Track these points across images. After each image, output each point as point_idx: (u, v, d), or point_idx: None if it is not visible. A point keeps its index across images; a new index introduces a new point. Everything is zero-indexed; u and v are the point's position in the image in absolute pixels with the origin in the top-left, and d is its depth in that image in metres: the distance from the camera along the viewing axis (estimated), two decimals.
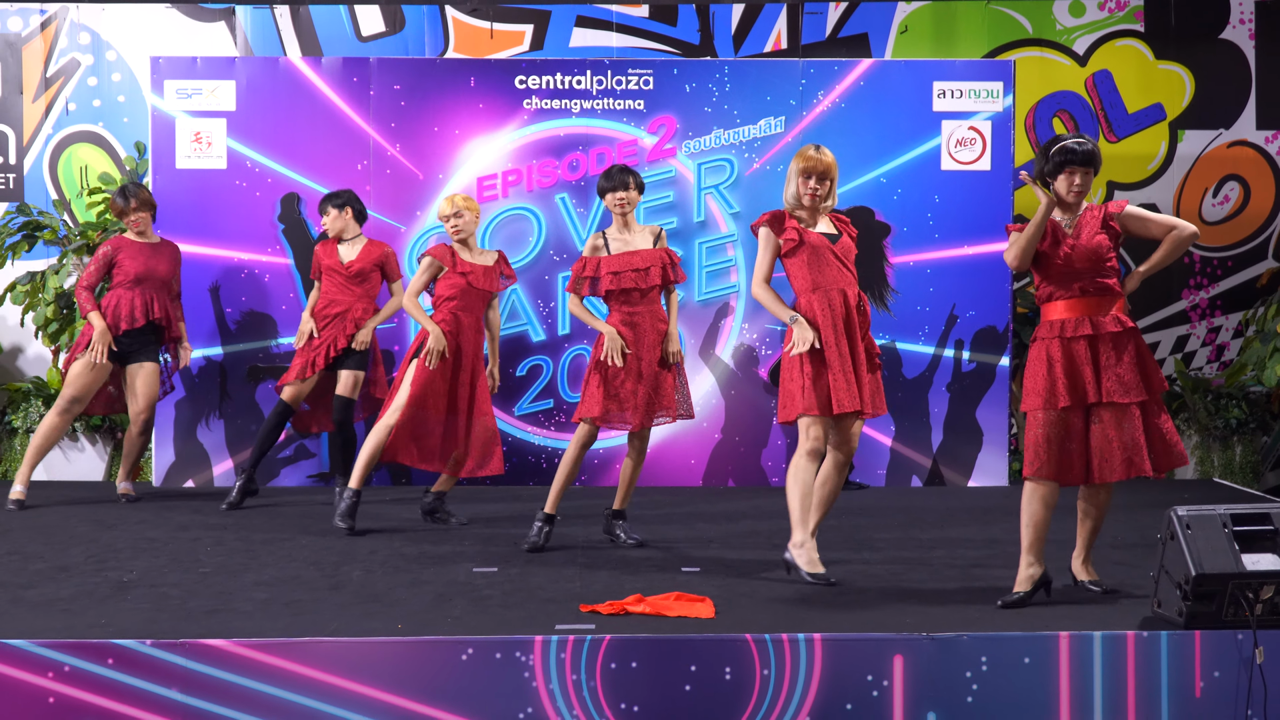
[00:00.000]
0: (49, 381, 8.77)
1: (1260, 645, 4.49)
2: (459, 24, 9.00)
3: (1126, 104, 9.09)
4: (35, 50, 8.93)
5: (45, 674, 4.42)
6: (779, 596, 5.23)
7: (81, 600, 5.17)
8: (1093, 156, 5.16)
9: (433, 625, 4.75)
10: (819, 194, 5.61)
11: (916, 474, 8.35)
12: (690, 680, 4.48)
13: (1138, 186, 9.08)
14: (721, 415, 8.30)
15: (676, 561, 5.95)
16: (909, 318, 8.28)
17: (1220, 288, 9.06)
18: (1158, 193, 9.06)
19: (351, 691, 4.45)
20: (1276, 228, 9.11)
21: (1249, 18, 9.06)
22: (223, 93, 8.17)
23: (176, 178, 8.16)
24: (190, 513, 7.30)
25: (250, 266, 8.21)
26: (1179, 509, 4.64)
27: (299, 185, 8.18)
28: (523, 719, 4.45)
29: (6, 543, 6.41)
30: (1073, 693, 4.50)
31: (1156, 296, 8.99)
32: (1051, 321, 5.16)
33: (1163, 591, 4.66)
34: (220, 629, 4.67)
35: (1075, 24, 9.08)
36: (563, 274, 8.24)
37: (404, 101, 8.22)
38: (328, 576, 5.63)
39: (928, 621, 4.75)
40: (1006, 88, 8.21)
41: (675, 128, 8.25)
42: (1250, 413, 8.64)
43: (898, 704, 4.48)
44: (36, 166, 8.95)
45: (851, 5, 9.02)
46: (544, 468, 8.28)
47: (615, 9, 9.02)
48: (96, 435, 8.63)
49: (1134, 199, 9.00)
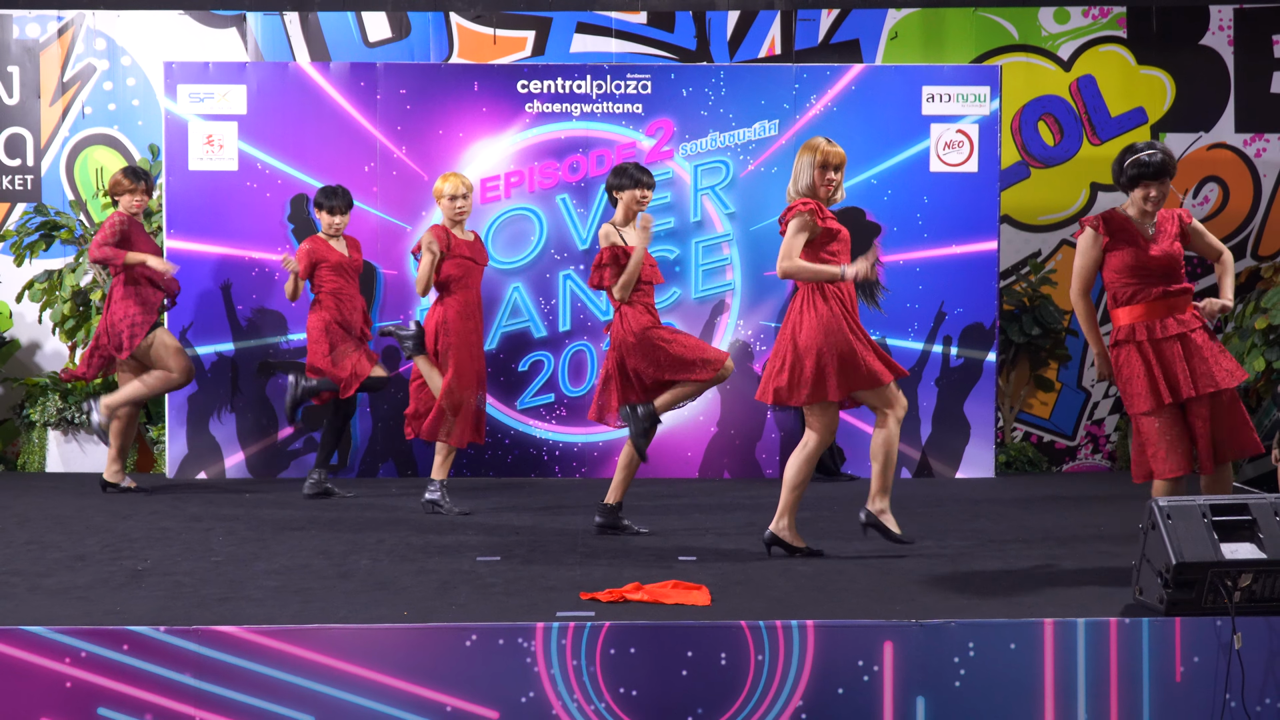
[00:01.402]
0: None
1: (1239, 631, 4.49)
2: (463, 30, 8.99)
3: (1109, 108, 9.08)
4: (53, 55, 8.92)
5: (62, 659, 4.42)
6: (773, 585, 5.23)
7: (97, 588, 5.17)
8: (1165, 168, 5.24)
9: (438, 612, 4.75)
10: (835, 183, 5.59)
11: (906, 466, 8.35)
12: (687, 666, 4.48)
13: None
14: (717, 409, 8.30)
15: (673, 551, 5.94)
16: (899, 314, 8.28)
17: (1200, 285, 9.04)
18: None
19: (359, 676, 4.45)
20: (1254, 228, 9.12)
21: (1228, 24, 9.06)
22: (234, 97, 8.17)
23: (189, 179, 8.15)
24: (203, 504, 7.30)
25: (261, 265, 8.20)
26: (1160, 500, 4.64)
27: (308, 186, 8.17)
28: (525, 703, 4.45)
29: (25, 532, 6.41)
30: (1057, 677, 4.50)
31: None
32: (1136, 325, 5.26)
33: (1144, 579, 4.67)
34: (232, 616, 4.67)
35: (1060, 30, 9.07)
36: (563, 272, 8.24)
37: (409, 105, 8.21)
38: (336, 565, 5.63)
39: (917, 609, 4.75)
40: (993, 92, 8.21)
41: (672, 131, 8.25)
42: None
43: (888, 689, 4.49)
44: (54, 168, 8.94)
45: (843, 12, 9.01)
46: (545, 460, 8.28)
47: (614, 16, 9.02)
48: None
49: (1116, 200, 9.00)
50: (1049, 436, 9.10)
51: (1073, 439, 9.09)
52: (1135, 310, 5.28)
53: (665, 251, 8.21)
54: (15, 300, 8.86)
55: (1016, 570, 5.51)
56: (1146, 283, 5.26)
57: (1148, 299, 5.26)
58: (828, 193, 5.58)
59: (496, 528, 6.54)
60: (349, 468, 8.22)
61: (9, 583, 5.26)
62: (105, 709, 4.41)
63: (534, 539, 6.25)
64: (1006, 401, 8.89)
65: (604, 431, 8.20)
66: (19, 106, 8.94)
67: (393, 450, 8.24)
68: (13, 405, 8.91)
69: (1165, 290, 5.25)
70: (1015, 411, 8.98)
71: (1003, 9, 9.05)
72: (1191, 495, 4.76)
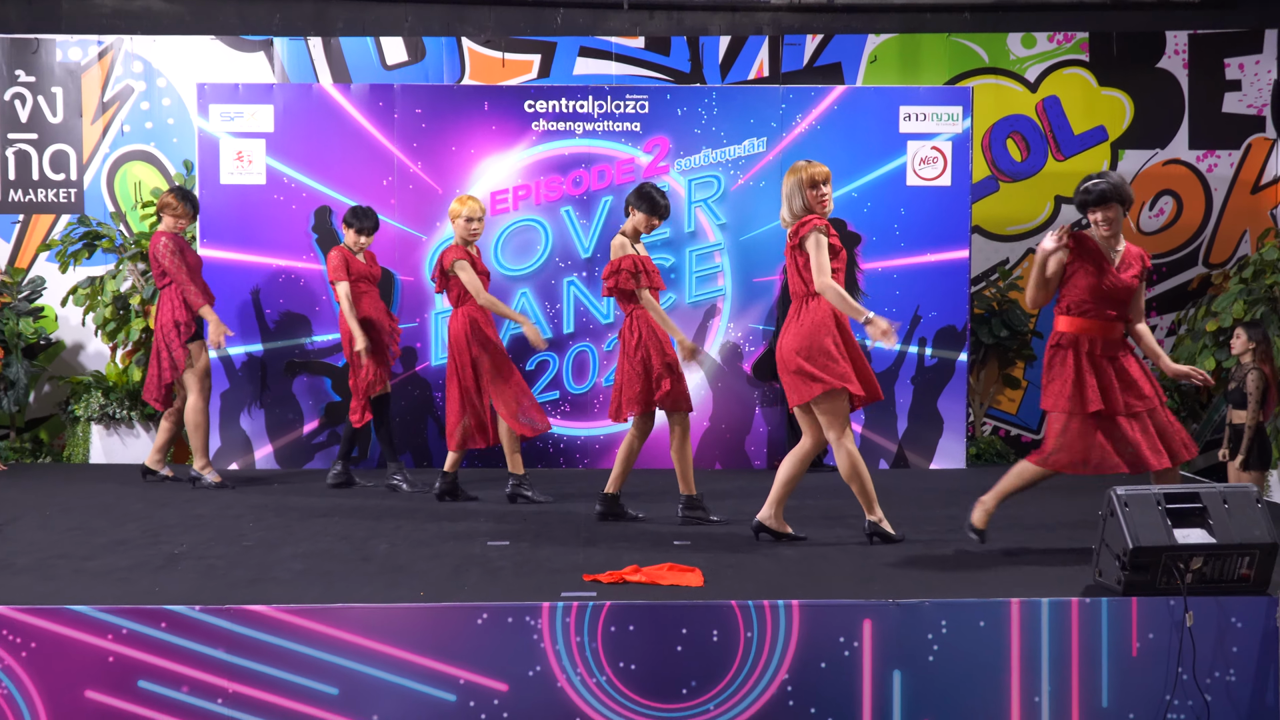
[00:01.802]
0: (107, 374, 8.78)
1: (1190, 610, 4.50)
2: (474, 54, 9.00)
3: (1073, 126, 9.10)
4: (93, 78, 8.93)
5: (105, 636, 4.43)
6: (761, 567, 5.25)
7: (137, 570, 5.18)
8: (1104, 195, 5.28)
9: (451, 593, 4.76)
10: (827, 196, 5.53)
11: (884, 457, 8.36)
12: (681, 642, 4.49)
13: None
14: (710, 405, 8.32)
15: (669, 536, 5.95)
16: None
17: (1155, 291, 9.07)
18: None
19: (379, 651, 4.46)
20: (1205, 237, 9.13)
21: (1183, 49, 9.07)
22: (262, 116, 8.17)
23: (220, 192, 8.16)
24: (235, 492, 7.31)
25: (287, 272, 8.21)
26: (1118, 489, 4.66)
27: (330, 199, 8.19)
28: (532, 676, 4.46)
29: (70, 519, 6.42)
30: (1023, 652, 4.51)
31: None
32: (1080, 335, 5.31)
33: (1103, 562, 4.68)
34: (261, 596, 4.68)
35: (1027, 54, 9.09)
36: (567, 278, 8.25)
37: (424, 124, 8.22)
38: (357, 550, 5.64)
39: (893, 589, 4.76)
40: (965, 111, 8.22)
41: (668, 147, 8.26)
42: (1182, 403, 8.67)
43: (867, 663, 4.50)
44: (95, 182, 8.95)
45: (826, 38, 9.02)
46: (551, 453, 8.29)
47: (615, 41, 9.03)
48: (151, 423, 8.64)
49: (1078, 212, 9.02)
50: (1016, 430, 9.11)
51: (1038, 433, 9.10)
52: (1080, 323, 5.33)
53: (661, 260, 8.22)
54: (60, 304, 8.88)
55: (985, 554, 5.52)
56: (1101, 305, 5.32)
57: (1101, 318, 5.33)
58: (823, 208, 5.54)
59: (505, 515, 6.55)
60: (369, 459, 8.23)
61: (55, 565, 5.27)
62: (144, 682, 4.42)
63: (540, 525, 6.26)
64: (977, 398, 8.91)
65: (604, 426, 8.22)
66: (63, 125, 8.95)
67: (410, 443, 8.26)
68: (58, 401, 8.93)
69: (1115, 315, 5.34)
70: (985, 408, 8.99)
71: (974, 34, 9.06)
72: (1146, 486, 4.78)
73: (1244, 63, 9.06)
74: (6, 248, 8.91)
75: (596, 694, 4.47)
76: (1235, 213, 9.08)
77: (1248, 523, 4.59)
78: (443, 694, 4.45)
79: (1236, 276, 8.18)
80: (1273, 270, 7.94)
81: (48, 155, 8.93)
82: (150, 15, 9.02)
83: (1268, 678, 4.52)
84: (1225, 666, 4.54)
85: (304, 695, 4.43)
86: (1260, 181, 9.10)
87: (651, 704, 4.47)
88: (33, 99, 8.92)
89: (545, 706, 4.44)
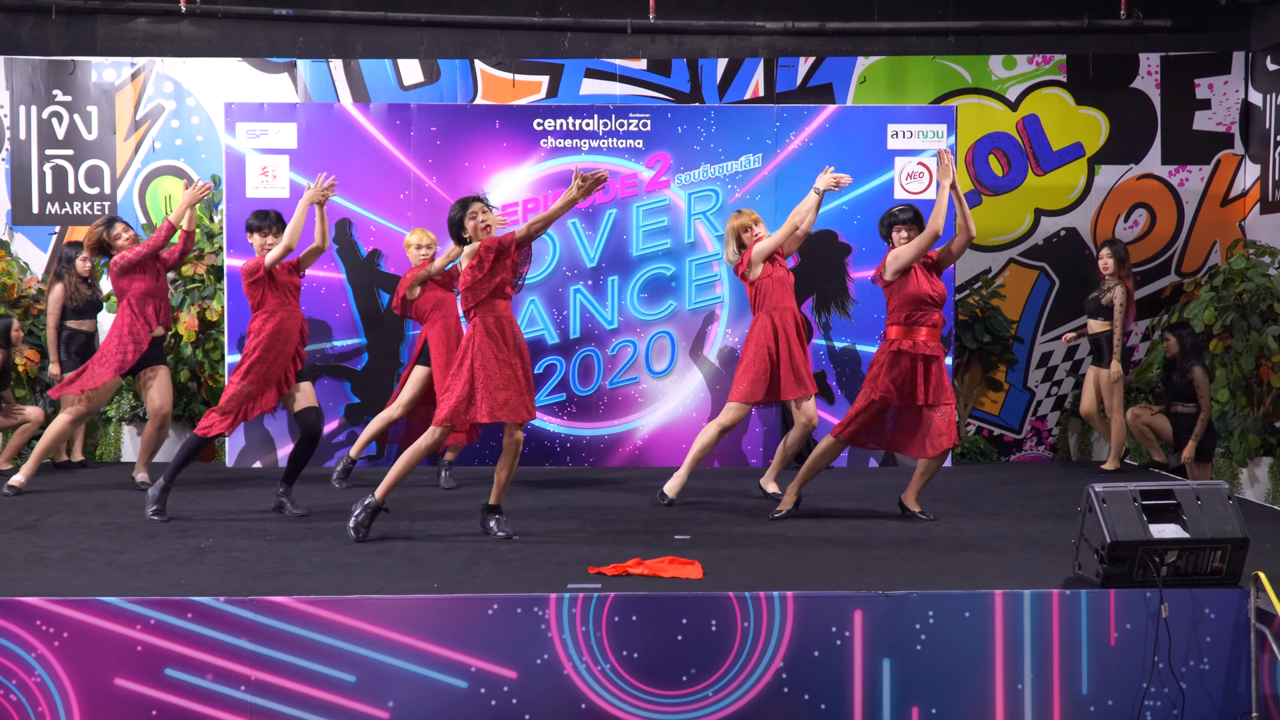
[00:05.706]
0: None
1: (1165, 601, 4.48)
2: (486, 75, 8.99)
3: (1051, 143, 9.07)
4: (126, 97, 8.91)
5: (134, 626, 4.41)
6: (757, 560, 5.22)
7: (165, 563, 5.16)
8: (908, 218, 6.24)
9: (463, 584, 4.74)
10: (755, 232, 6.74)
11: (873, 456, 8.33)
12: (682, 631, 4.47)
13: (1061, 213, 9.06)
14: (709, 407, 8.29)
15: (670, 530, 5.93)
16: (867, 324, 8.27)
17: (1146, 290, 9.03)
18: (1078, 218, 9.05)
19: (395, 640, 4.44)
20: (1177, 248, 9.10)
21: (1155, 70, 9.05)
22: (286, 133, 8.15)
23: (247, 205, 8.12)
24: (258, 489, 7.28)
25: (309, 281, 8.17)
26: (1096, 486, 4.63)
27: (350, 212, 8.16)
28: (540, 664, 4.44)
29: (103, 514, 6.40)
30: (1006, 641, 4.49)
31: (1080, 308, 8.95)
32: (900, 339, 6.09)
33: (1082, 556, 4.66)
34: (283, 588, 4.66)
35: (1008, 75, 9.06)
36: (574, 286, 8.22)
37: (439, 141, 8.20)
38: (374, 543, 5.62)
39: (883, 581, 4.74)
40: (949, 129, 8.20)
41: (669, 163, 8.24)
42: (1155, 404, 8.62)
43: (858, 652, 4.48)
44: (128, 196, 8.93)
45: (818, 60, 9.00)
46: (558, 451, 8.26)
47: (618, 63, 9.01)
48: (179, 425, 8.60)
49: (1057, 224, 9.01)
50: (998, 430, 9.08)
51: (1019, 433, 9.07)
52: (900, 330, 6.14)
53: (662, 269, 8.20)
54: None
55: (970, 547, 5.50)
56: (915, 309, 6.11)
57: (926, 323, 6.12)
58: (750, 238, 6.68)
59: (514, 511, 6.53)
60: (385, 457, 8.20)
61: (88, 559, 5.25)
62: (171, 670, 4.40)
63: (548, 520, 6.24)
64: (961, 400, 8.88)
65: (609, 426, 8.20)
66: (97, 141, 8.93)
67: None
68: None
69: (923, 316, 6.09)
70: (969, 409, 8.96)
71: (957, 57, 9.04)
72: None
73: (1213, 83, 9.03)
74: (43, 257, 8.89)
75: (601, 681, 4.45)
76: (1206, 225, 9.05)
77: (1220, 519, 4.57)
78: (455, 681, 4.43)
79: (1207, 285, 8.14)
80: (1241, 279, 7.91)
81: (83, 170, 8.91)
82: (181, 38, 9.01)
83: (1239, 666, 4.50)
84: (1199, 655, 4.52)
85: (323, 682, 4.41)
86: (1229, 195, 9.07)
87: (653, 690, 4.44)
88: (69, 117, 8.90)
89: (552, 693, 4.42)
